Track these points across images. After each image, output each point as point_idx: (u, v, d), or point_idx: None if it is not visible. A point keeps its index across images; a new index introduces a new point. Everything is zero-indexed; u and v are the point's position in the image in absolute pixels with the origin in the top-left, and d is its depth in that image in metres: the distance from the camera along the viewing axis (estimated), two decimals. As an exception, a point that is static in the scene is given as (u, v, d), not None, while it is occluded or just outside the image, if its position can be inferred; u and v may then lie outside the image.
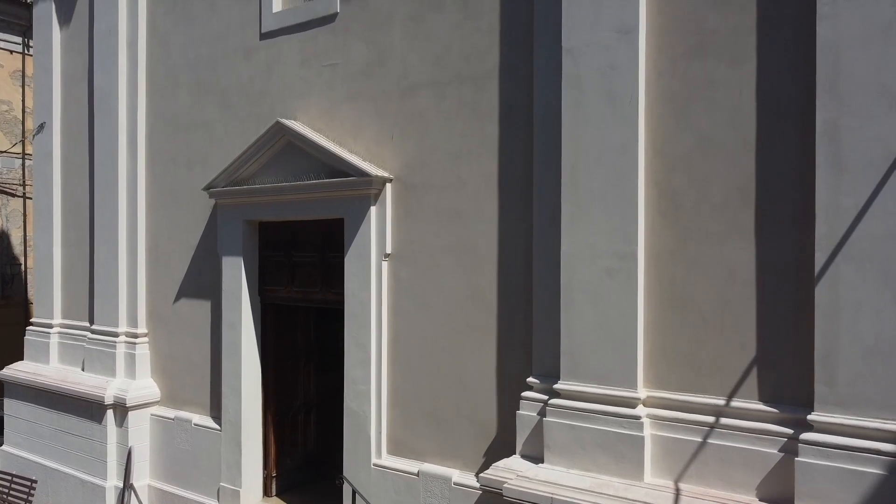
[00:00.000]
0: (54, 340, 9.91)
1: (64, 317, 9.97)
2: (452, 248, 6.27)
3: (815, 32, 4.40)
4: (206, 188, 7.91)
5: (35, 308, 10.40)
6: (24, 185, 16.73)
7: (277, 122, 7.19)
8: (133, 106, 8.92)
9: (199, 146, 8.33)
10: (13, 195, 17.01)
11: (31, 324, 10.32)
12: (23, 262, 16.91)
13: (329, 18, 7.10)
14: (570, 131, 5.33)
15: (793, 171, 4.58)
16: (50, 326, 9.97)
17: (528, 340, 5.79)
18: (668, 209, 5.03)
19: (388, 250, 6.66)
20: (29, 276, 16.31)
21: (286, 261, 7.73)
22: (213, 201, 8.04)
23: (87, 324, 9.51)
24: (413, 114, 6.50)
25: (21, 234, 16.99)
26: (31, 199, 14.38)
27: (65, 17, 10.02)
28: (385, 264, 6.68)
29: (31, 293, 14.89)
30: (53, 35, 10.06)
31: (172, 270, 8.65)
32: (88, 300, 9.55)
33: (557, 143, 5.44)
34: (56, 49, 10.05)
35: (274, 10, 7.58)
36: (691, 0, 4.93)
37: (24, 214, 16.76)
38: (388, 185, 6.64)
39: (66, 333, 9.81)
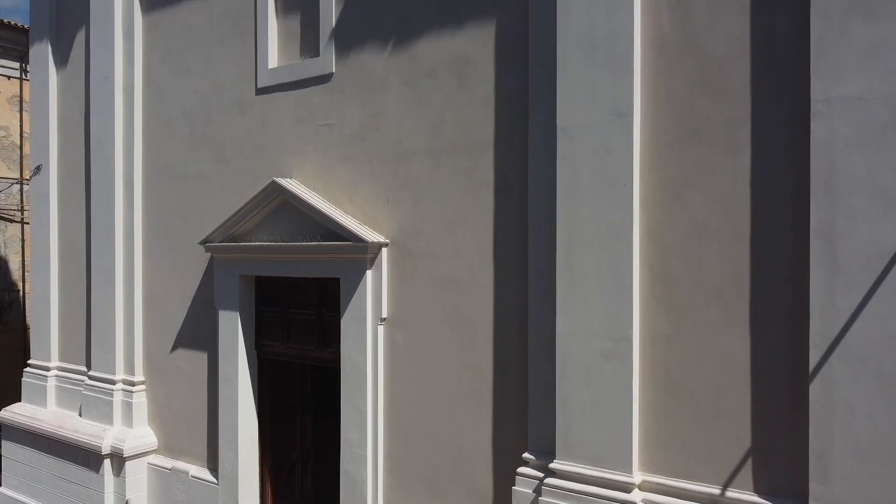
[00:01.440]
0: (51, 383, 9.91)
1: (61, 359, 9.98)
2: (448, 317, 6.26)
3: (809, 129, 4.39)
4: (203, 242, 7.90)
5: (32, 349, 10.39)
6: (21, 210, 16.74)
7: (273, 182, 7.18)
8: (129, 153, 8.91)
9: (195, 197, 8.32)
10: (11, 221, 17.01)
11: (29, 365, 10.31)
12: (21, 288, 16.91)
13: (325, 78, 7.09)
14: (564, 210, 5.32)
15: (787, 264, 4.57)
16: (47, 369, 9.97)
17: (524, 413, 5.79)
18: (662, 294, 5.02)
19: (384, 314, 6.65)
20: (27, 302, 16.34)
21: (283, 316, 7.72)
22: (210, 252, 8.03)
23: (85, 368, 9.51)
24: (408, 179, 6.49)
25: (19, 259, 16.99)
26: (28, 224, 14.41)
27: (61, 60, 10.00)
28: (381, 328, 6.67)
29: (30, 319, 14.91)
30: (50, 77, 10.05)
31: (169, 320, 8.65)
32: (86, 343, 9.55)
33: (552, 218, 5.43)
34: (52, 91, 10.05)
35: (269, 66, 7.56)
36: (686, 87, 4.92)
37: (23, 240, 16.76)
38: (384, 250, 6.63)
39: (64, 377, 9.81)
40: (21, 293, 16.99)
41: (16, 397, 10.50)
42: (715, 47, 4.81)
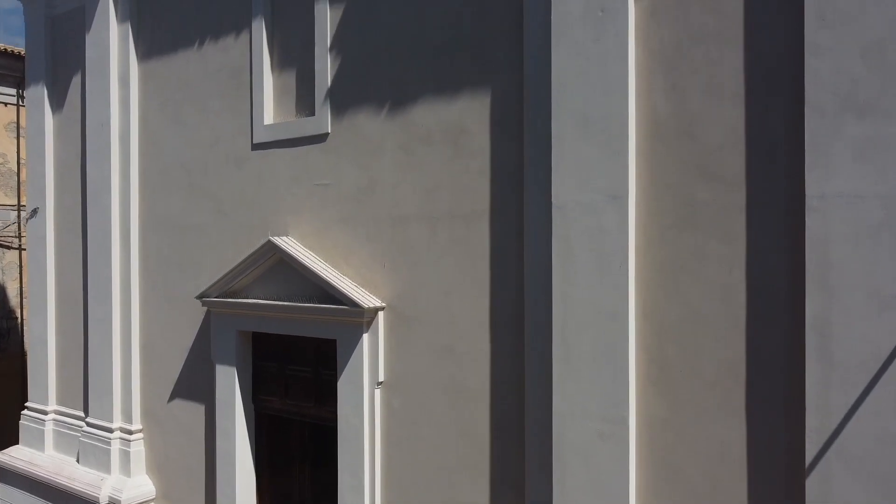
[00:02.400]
0: (49, 427, 9.90)
1: (59, 402, 9.97)
2: (444, 384, 6.25)
3: (804, 220, 4.38)
4: (200, 297, 7.89)
5: (30, 391, 10.37)
6: (19, 237, 16.73)
7: (269, 241, 7.17)
8: (126, 201, 8.90)
9: (192, 249, 8.31)
10: (9, 247, 17.00)
11: (27, 408, 10.30)
12: (19, 315, 16.90)
13: (320, 138, 7.08)
14: (559, 288, 5.31)
15: (782, 354, 4.56)
16: (45, 413, 9.96)
17: (521, 485, 5.78)
18: (659, 378, 5.01)
19: (381, 378, 6.64)
20: (25, 328, 16.34)
21: (280, 372, 7.71)
22: (206, 307, 8.02)
23: (83, 413, 9.51)
24: (405, 244, 6.48)
25: (17, 286, 16.99)
26: (26, 250, 14.40)
27: (57, 104, 9.99)
28: (378, 392, 6.66)
29: (28, 345, 14.86)
30: (46, 120, 10.04)
31: (167, 370, 8.64)
32: (83, 388, 9.54)
33: (548, 290, 5.42)
34: (49, 135, 10.04)
35: (265, 123, 7.55)
36: (681, 172, 4.91)
37: (20, 266, 16.75)
38: (381, 314, 6.62)
39: (62, 421, 9.80)
40: (19, 320, 16.98)
41: (14, 425, 10.51)
42: (710, 134, 4.80)
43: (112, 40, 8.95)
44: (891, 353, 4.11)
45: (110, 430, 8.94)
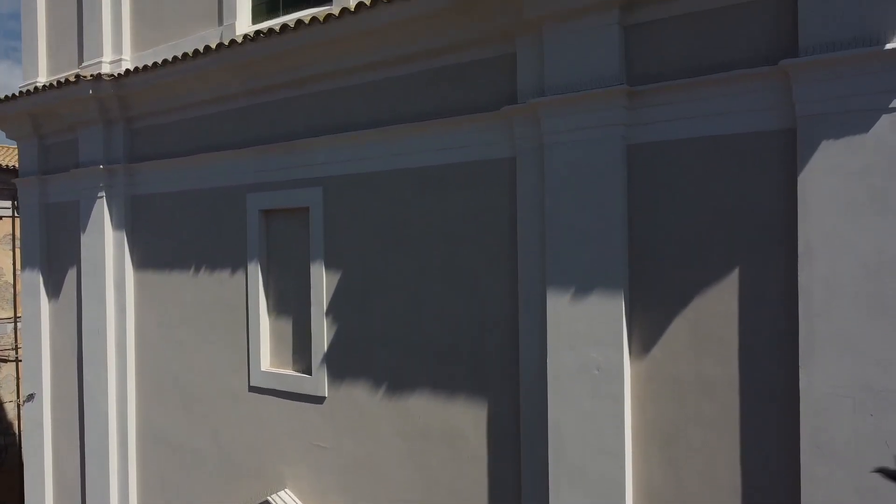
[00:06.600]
0: None
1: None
2: None
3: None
4: (198, 534, 7.89)
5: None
6: (16, 349, 16.69)
7: (267, 502, 7.17)
8: (123, 411, 8.89)
9: (190, 476, 8.29)
10: (6, 360, 16.97)
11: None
12: (17, 430, 16.86)
13: (317, 399, 7.07)
14: None
15: None
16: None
17: None
18: None
19: None
20: (23, 441, 16.25)
21: None
22: (204, 537, 8.03)
23: None
24: (404, 530, 6.48)
25: (14, 398, 16.94)
26: (22, 361, 14.36)
27: (53, 291, 9.99)
28: None
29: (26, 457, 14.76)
30: (42, 305, 10.03)
31: (166, 585, 8.64)
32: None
33: None
34: (45, 320, 10.03)
35: (262, 368, 7.54)
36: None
37: (17, 378, 16.71)
38: (380, 593, 6.62)
39: None
40: (17, 435, 16.95)
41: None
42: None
43: (107, 246, 8.94)
44: None
45: None
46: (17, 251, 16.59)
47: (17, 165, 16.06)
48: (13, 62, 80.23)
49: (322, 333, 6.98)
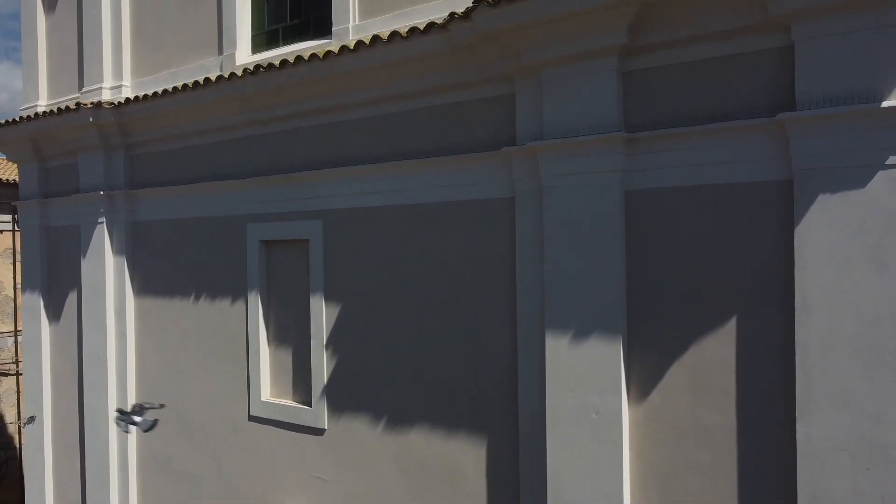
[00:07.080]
0: None
1: None
2: None
3: None
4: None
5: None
6: (17, 362, 16.71)
7: (268, 534, 7.21)
8: (124, 443, 8.92)
9: (193, 500, 8.32)
10: (6, 374, 16.99)
11: None
12: (17, 444, 16.89)
13: (317, 431, 7.09)
14: None
15: None
16: None
17: None
18: None
19: None
20: (24, 463, 16.28)
21: None
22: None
23: None
24: (403, 564, 6.51)
25: (15, 411, 16.96)
26: (23, 375, 14.40)
27: (53, 314, 10.02)
28: None
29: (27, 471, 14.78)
30: (42, 328, 10.06)
31: None
32: None
33: None
34: (45, 343, 10.06)
35: (262, 398, 7.56)
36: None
37: (18, 392, 16.74)
38: None
39: None
40: (18, 449, 16.97)
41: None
42: (705, 562, 4.84)
43: (108, 271, 8.97)
44: None
45: None
46: (18, 265, 16.63)
47: (17, 180, 16.14)
48: (13, 62, 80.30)
49: (322, 365, 7.01)
